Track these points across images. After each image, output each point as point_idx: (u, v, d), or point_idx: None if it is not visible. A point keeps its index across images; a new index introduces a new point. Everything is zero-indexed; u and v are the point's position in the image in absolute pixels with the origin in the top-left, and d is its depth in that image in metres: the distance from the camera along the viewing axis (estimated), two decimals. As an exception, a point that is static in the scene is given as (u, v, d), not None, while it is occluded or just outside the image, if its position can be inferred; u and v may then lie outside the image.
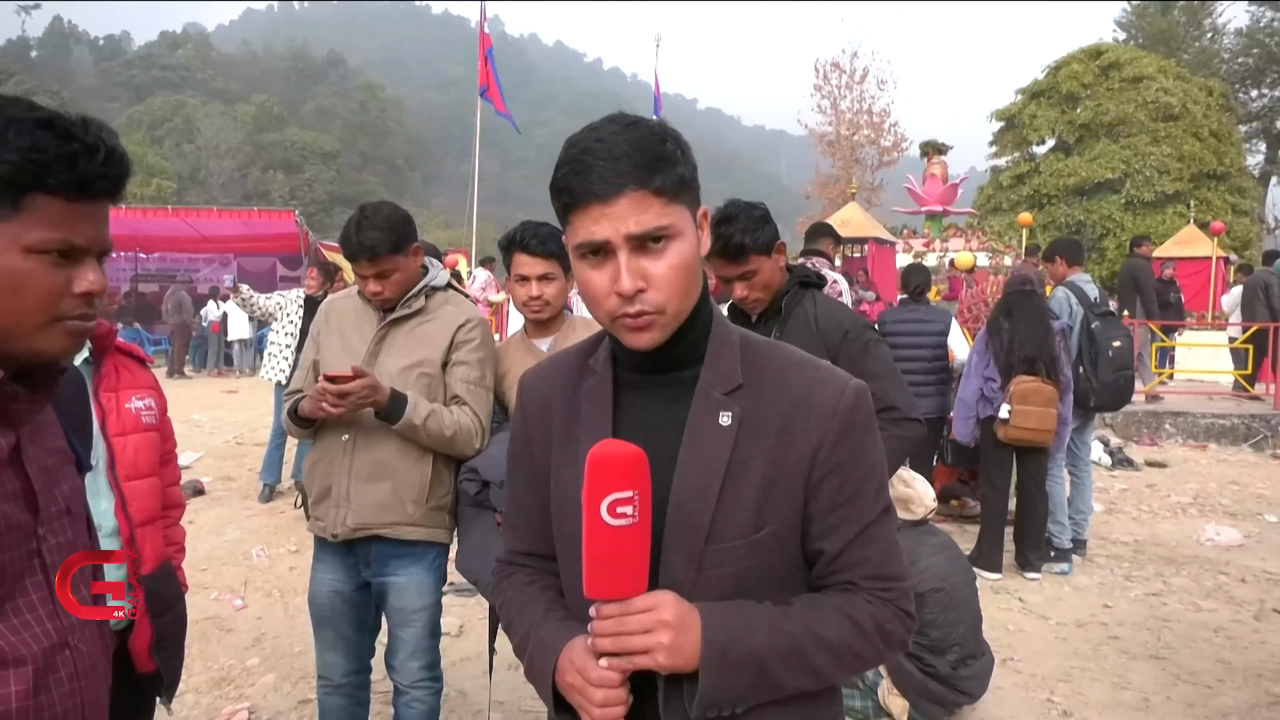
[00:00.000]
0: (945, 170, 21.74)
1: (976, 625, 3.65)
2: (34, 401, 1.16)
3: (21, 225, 1.07)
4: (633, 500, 1.07)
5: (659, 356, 1.21)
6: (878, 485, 1.23)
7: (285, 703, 3.86)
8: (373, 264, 2.58)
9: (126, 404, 2.07)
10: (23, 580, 1.13)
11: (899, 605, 1.22)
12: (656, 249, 1.14)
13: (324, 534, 2.66)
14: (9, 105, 1.09)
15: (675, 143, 1.17)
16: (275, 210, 21.90)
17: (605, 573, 1.09)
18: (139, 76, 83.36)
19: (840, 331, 2.62)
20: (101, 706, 1.25)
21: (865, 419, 1.22)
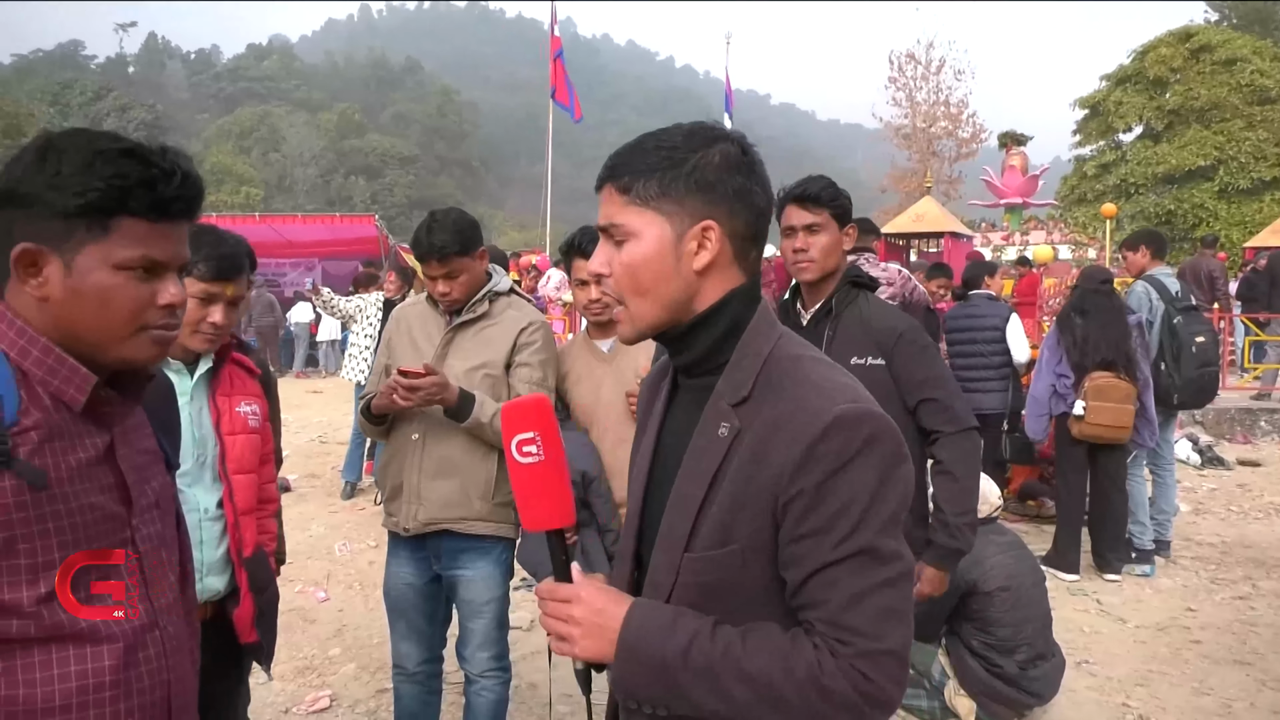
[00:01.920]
0: (1025, 161, 21.16)
1: (1046, 625, 3.61)
2: (125, 404, 1.28)
3: (110, 245, 1.18)
4: (535, 440, 1.20)
5: (680, 357, 1.27)
6: (852, 524, 1.10)
7: (364, 691, 4.02)
8: (442, 264, 2.69)
9: (237, 407, 2.28)
10: (117, 568, 1.23)
11: (854, 664, 1.08)
12: (619, 243, 1.21)
13: (396, 529, 2.79)
14: (98, 138, 1.20)
15: (678, 151, 1.19)
16: (357, 215, 22.53)
17: (531, 507, 1.23)
18: (228, 88, 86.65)
19: (894, 334, 2.56)
20: (188, 684, 1.35)
21: (837, 449, 1.10)
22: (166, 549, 1.35)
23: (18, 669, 1.11)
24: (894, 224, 18.91)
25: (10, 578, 1.11)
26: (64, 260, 1.17)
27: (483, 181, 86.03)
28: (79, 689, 1.15)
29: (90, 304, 1.18)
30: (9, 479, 1.10)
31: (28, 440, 1.14)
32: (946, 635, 3.66)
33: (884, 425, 1.14)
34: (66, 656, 1.15)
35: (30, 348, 1.18)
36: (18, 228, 1.16)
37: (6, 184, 1.17)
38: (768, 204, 1.26)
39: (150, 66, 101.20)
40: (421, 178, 69.82)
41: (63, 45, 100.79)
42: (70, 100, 57.02)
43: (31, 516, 1.12)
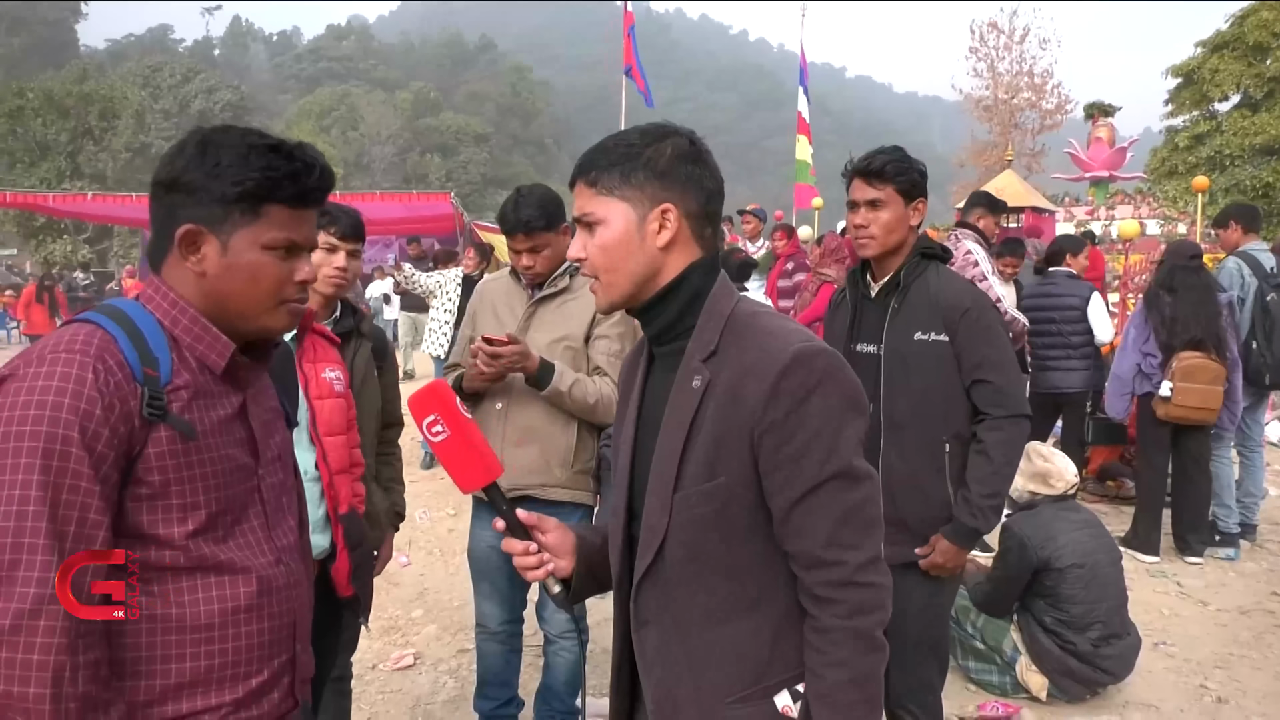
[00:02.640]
0: (1112, 133, 20.44)
1: (1121, 604, 3.58)
2: (256, 368, 1.46)
3: (260, 228, 1.35)
4: (438, 420, 1.41)
5: (651, 326, 1.45)
6: (826, 450, 1.29)
7: (446, 651, 4.20)
8: (528, 238, 2.80)
9: (322, 373, 2.42)
10: (247, 510, 1.41)
11: (856, 578, 1.30)
12: (592, 230, 1.40)
13: (480, 496, 2.90)
14: (248, 134, 1.37)
15: (634, 147, 1.37)
16: (433, 193, 22.90)
17: (458, 474, 1.45)
18: (308, 69, 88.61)
19: (960, 309, 2.51)
20: (307, 614, 1.53)
21: (799, 382, 1.28)
22: (286, 496, 1.53)
23: (170, 593, 1.29)
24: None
25: (164, 515, 1.28)
26: (220, 240, 1.34)
27: (555, 159, 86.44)
28: (220, 611, 1.33)
29: (241, 279, 1.35)
30: (165, 430, 1.27)
31: (179, 398, 1.31)
32: (1018, 611, 3.66)
33: (836, 360, 1.33)
34: (209, 584, 1.33)
35: (180, 316, 1.35)
36: (181, 212, 1.33)
37: (170, 173, 1.34)
38: (717, 188, 1.42)
39: (234, 49, 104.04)
40: (495, 156, 70.45)
41: (153, 30, 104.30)
42: (160, 83, 58.93)
43: (182, 464, 1.29)
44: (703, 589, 1.36)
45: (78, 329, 1.28)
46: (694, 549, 1.35)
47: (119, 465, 1.24)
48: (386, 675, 3.95)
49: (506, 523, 1.48)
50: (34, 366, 1.22)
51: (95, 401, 1.21)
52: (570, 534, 1.54)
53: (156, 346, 1.31)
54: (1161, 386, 5.20)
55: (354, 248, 2.62)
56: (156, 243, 1.39)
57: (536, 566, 1.47)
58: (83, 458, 1.19)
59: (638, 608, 1.43)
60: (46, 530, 1.16)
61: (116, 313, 1.33)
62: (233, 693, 1.35)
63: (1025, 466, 3.71)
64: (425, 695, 3.77)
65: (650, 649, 1.42)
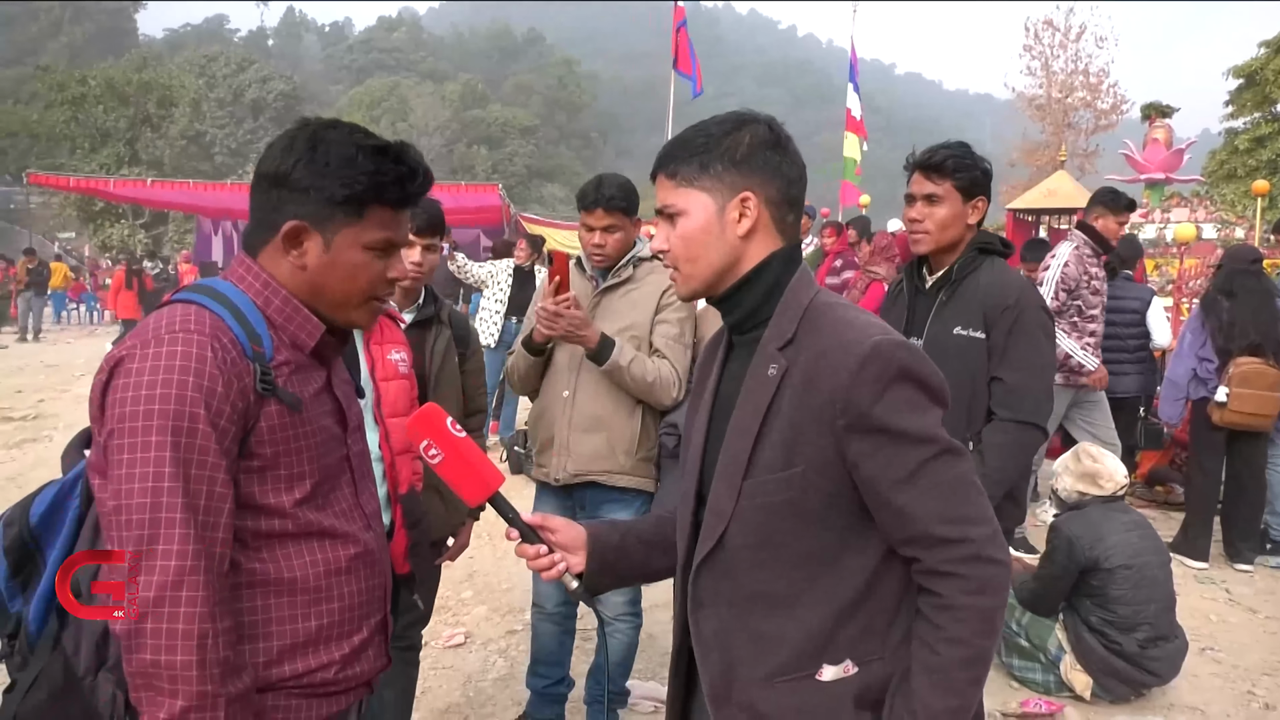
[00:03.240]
0: (1170, 134, 20.02)
1: (1169, 607, 3.57)
2: (338, 346, 1.52)
3: (362, 228, 1.40)
4: (431, 444, 1.46)
5: (730, 315, 1.47)
6: (919, 431, 1.28)
7: (495, 631, 4.31)
8: (607, 214, 2.86)
9: (388, 355, 2.49)
10: (339, 478, 1.48)
11: (981, 554, 1.27)
12: (673, 221, 1.42)
13: (546, 479, 3.00)
14: (354, 132, 1.41)
15: (713, 137, 1.39)
16: (480, 184, 23.11)
17: (461, 490, 1.48)
18: (359, 60, 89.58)
19: (1001, 306, 2.47)
20: (388, 575, 1.60)
21: (877, 373, 1.27)
22: (368, 464, 1.59)
23: (279, 556, 1.36)
24: (1023, 199, 18.20)
25: (274, 485, 1.35)
26: (324, 238, 1.39)
27: (600, 152, 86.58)
28: (326, 573, 1.40)
29: (340, 276, 1.41)
30: (274, 404, 1.33)
31: (282, 373, 1.37)
32: (1064, 610, 3.67)
33: (915, 354, 1.32)
34: (314, 547, 1.40)
35: (272, 297, 1.40)
36: (287, 207, 1.37)
37: (279, 168, 1.38)
38: (798, 174, 1.42)
39: (288, 39, 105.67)
40: (541, 148, 70.72)
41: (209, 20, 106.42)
42: (216, 72, 60.00)
43: (290, 435, 1.36)
44: (767, 575, 1.37)
45: (185, 309, 1.32)
46: (762, 535, 1.35)
47: (237, 439, 1.29)
48: (438, 652, 4.07)
49: (517, 529, 1.50)
50: (152, 346, 1.25)
51: (216, 379, 1.25)
52: (580, 530, 1.56)
53: (257, 324, 1.36)
54: (1218, 392, 5.14)
55: (430, 241, 2.71)
56: (257, 231, 1.42)
57: (550, 567, 1.50)
58: (209, 434, 1.24)
59: (696, 590, 1.45)
60: (182, 505, 1.21)
61: (215, 293, 1.37)
62: (339, 650, 1.42)
63: (1074, 466, 3.72)
64: (476, 673, 3.88)
65: (707, 631, 1.44)
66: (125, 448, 1.22)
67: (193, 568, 1.20)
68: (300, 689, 1.38)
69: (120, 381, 1.25)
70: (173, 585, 1.19)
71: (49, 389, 10.87)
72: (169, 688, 1.19)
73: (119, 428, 1.23)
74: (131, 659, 1.20)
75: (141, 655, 1.19)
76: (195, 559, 1.21)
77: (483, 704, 3.59)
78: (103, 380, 1.28)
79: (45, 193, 37.53)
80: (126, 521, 1.21)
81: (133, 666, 1.21)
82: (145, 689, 1.21)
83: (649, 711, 3.50)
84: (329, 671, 1.40)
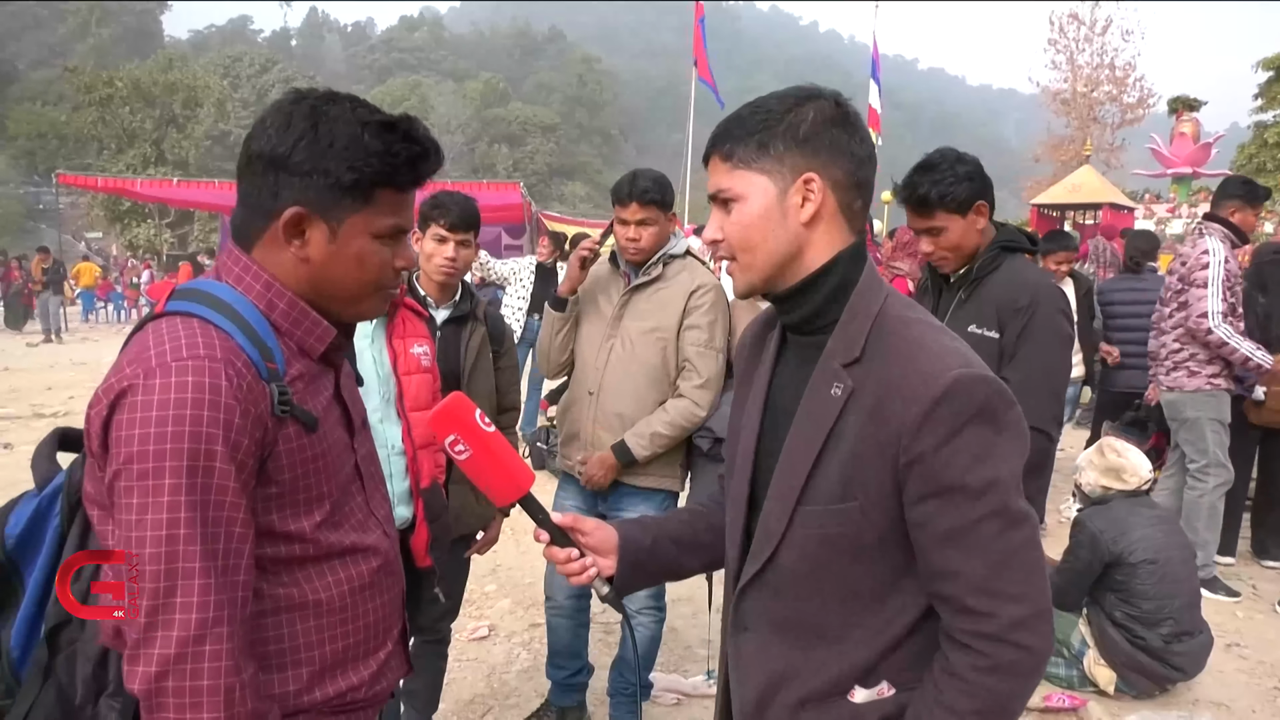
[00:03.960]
0: (1197, 128, 19.82)
1: (1194, 602, 3.55)
2: (346, 345, 1.40)
3: (371, 214, 1.25)
4: (459, 439, 1.35)
5: (790, 315, 1.33)
6: (982, 486, 1.15)
7: (519, 624, 4.35)
8: (642, 208, 2.83)
9: (411, 349, 2.49)
10: (350, 488, 1.37)
11: (1008, 636, 1.15)
12: (728, 207, 1.28)
13: (571, 471, 3.03)
14: (358, 107, 1.25)
15: (773, 114, 1.25)
16: (501, 182, 23.19)
17: (489, 488, 1.39)
18: (381, 59, 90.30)
19: (1015, 306, 2.44)
20: (403, 580, 1.51)
21: (954, 412, 1.14)
22: (374, 464, 1.49)
23: (300, 580, 1.27)
24: (1048, 194, 18.08)
25: (293, 511, 1.24)
26: (329, 226, 1.24)
27: (621, 150, 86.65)
28: (350, 591, 1.32)
29: (347, 267, 1.27)
30: (291, 425, 1.22)
31: (296, 389, 1.24)
32: (1087, 605, 3.66)
33: (998, 389, 1.18)
34: (335, 567, 1.31)
35: (276, 301, 1.26)
36: (286, 193, 1.22)
37: (276, 148, 1.21)
38: (867, 154, 1.28)
39: (310, 39, 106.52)
40: (562, 145, 70.96)
41: (233, 21, 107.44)
42: (240, 72, 60.65)
43: (308, 457, 1.25)
44: (815, 605, 1.29)
45: (187, 326, 1.17)
46: (813, 563, 1.26)
47: (255, 471, 1.18)
48: (463, 644, 4.11)
49: (547, 531, 1.41)
50: (159, 377, 1.11)
51: (234, 410, 1.13)
52: (612, 532, 1.47)
53: (266, 336, 1.22)
54: (1255, 391, 5.07)
55: (464, 237, 2.69)
56: (250, 220, 1.26)
57: (580, 572, 1.41)
58: (227, 471, 1.12)
59: (738, 612, 1.38)
60: (201, 553, 1.10)
61: (217, 302, 1.21)
62: (367, 668, 1.36)
63: (1099, 461, 3.71)
64: (500, 665, 3.92)
65: (746, 655, 1.38)
66: (135, 490, 1.10)
67: (215, 619, 1.11)
68: (330, 710, 1.32)
69: (126, 417, 1.11)
70: (194, 640, 1.09)
71: (78, 386, 11.04)
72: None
73: (126, 468, 1.10)
74: (153, 718, 1.11)
75: (164, 715, 1.10)
76: (218, 609, 1.11)
77: (507, 695, 3.63)
78: (103, 414, 1.13)
79: (73, 193, 38.11)
80: (140, 573, 1.09)
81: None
82: None
83: (671, 704, 3.52)
84: (359, 692, 1.35)
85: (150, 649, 1.10)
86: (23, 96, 53.93)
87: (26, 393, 10.77)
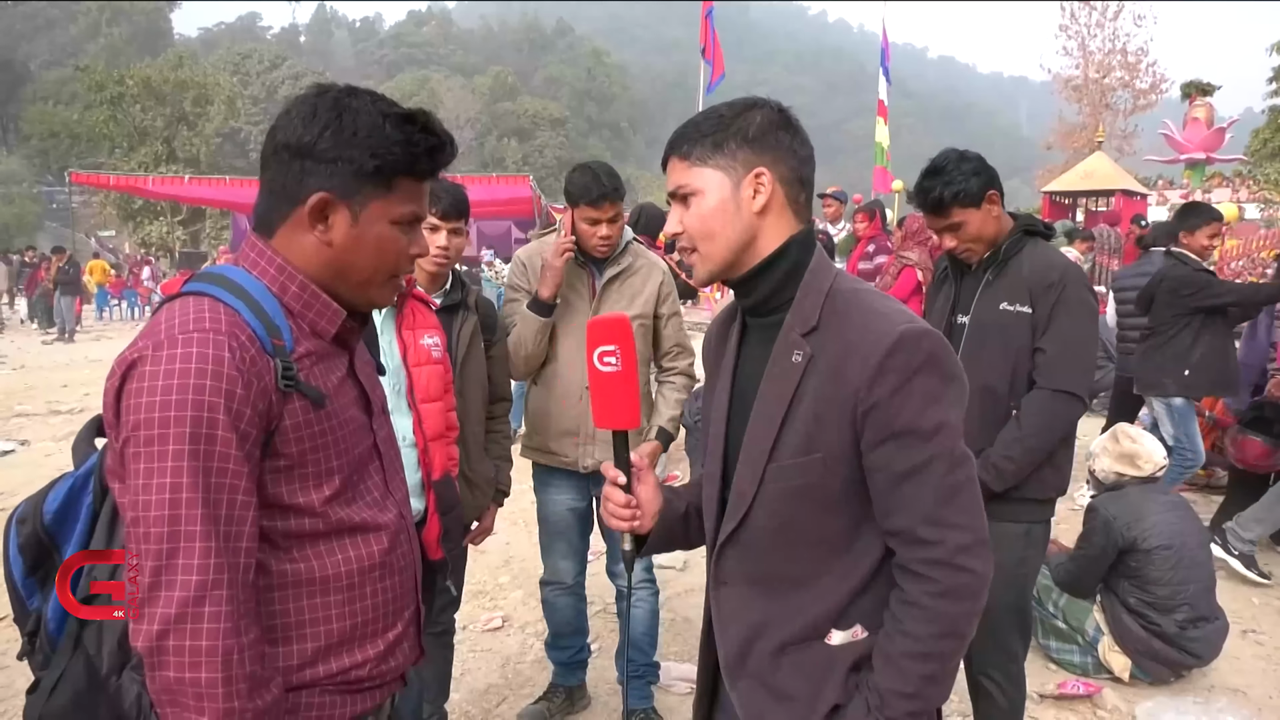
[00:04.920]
0: (1211, 113, 19.69)
1: (1209, 588, 3.54)
2: (359, 331, 1.45)
3: (390, 201, 1.31)
4: (615, 352, 1.45)
5: (748, 299, 1.47)
6: (930, 429, 1.29)
7: (532, 615, 4.37)
8: (613, 206, 2.90)
9: (421, 340, 2.48)
10: (367, 467, 1.41)
11: (954, 560, 1.29)
12: (687, 202, 1.43)
13: (567, 466, 3.06)
14: (378, 100, 1.32)
15: (724, 118, 1.40)
16: (511, 176, 23.22)
17: (604, 409, 1.47)
18: (389, 55, 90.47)
19: (1046, 281, 2.53)
20: (418, 566, 1.54)
21: (903, 362, 1.28)
22: (395, 449, 1.52)
23: (310, 555, 1.30)
24: (1060, 181, 17.98)
25: (302, 484, 1.28)
26: (351, 212, 1.30)
27: (630, 143, 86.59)
28: (359, 569, 1.35)
29: (367, 252, 1.32)
30: (297, 400, 1.26)
31: (304, 366, 1.28)
32: (1102, 592, 3.65)
33: (939, 341, 1.32)
34: (345, 544, 1.34)
35: (289, 284, 1.31)
36: (312, 180, 1.28)
37: (303, 138, 1.27)
38: (808, 154, 1.45)
39: (319, 35, 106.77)
40: (571, 139, 70.98)
41: (242, 18, 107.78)
42: (249, 69, 60.81)
43: (315, 432, 1.29)
44: (786, 556, 1.41)
45: (198, 303, 1.23)
46: (783, 518, 1.39)
47: (259, 442, 1.22)
48: (477, 635, 4.13)
49: (624, 474, 1.51)
50: (165, 349, 1.17)
51: (235, 380, 1.17)
52: (659, 495, 1.57)
53: (275, 315, 1.27)
54: None
55: (455, 225, 2.71)
56: (275, 207, 1.32)
57: (630, 519, 1.52)
58: (229, 439, 1.17)
59: (718, 569, 1.49)
60: (202, 516, 1.14)
61: (229, 283, 1.27)
62: (374, 647, 1.38)
63: (1112, 447, 3.70)
64: (514, 655, 3.94)
65: (726, 608, 1.48)
66: (142, 456, 1.15)
67: (215, 582, 1.15)
68: (334, 686, 1.34)
69: (134, 386, 1.17)
70: (194, 601, 1.14)
71: (94, 383, 11.12)
72: (194, 705, 1.14)
73: (134, 435, 1.16)
74: (155, 676, 1.16)
75: (165, 673, 1.14)
76: (218, 572, 1.15)
77: (521, 684, 3.65)
78: (115, 385, 1.19)
79: (87, 192, 38.33)
80: (145, 535, 1.15)
81: (157, 684, 1.16)
82: (170, 706, 1.16)
83: (684, 693, 3.53)
84: (364, 669, 1.37)
85: (154, 608, 1.15)
86: (35, 97, 54.32)
87: (43, 390, 10.88)
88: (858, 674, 1.38)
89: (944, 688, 1.35)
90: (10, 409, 9.49)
